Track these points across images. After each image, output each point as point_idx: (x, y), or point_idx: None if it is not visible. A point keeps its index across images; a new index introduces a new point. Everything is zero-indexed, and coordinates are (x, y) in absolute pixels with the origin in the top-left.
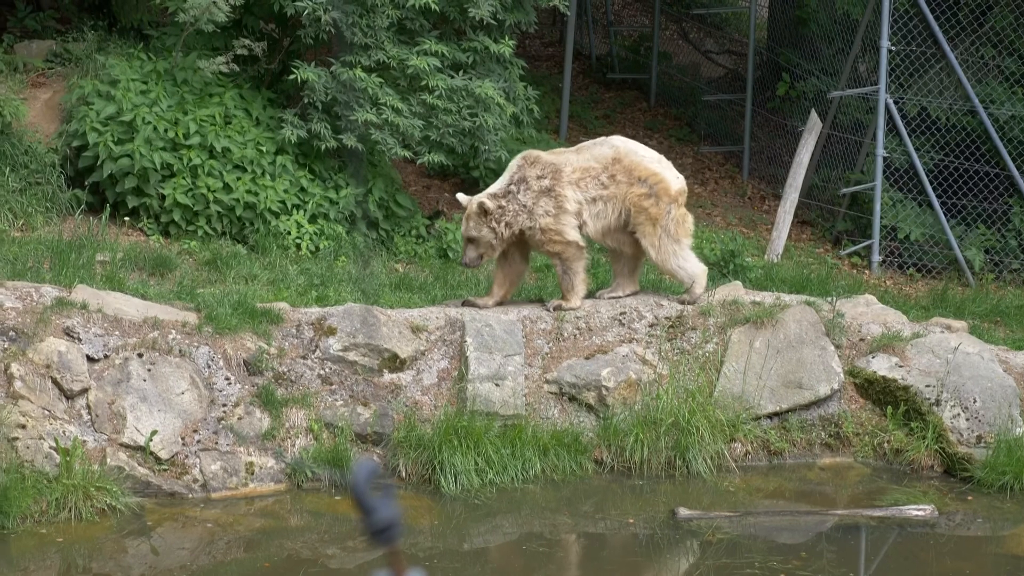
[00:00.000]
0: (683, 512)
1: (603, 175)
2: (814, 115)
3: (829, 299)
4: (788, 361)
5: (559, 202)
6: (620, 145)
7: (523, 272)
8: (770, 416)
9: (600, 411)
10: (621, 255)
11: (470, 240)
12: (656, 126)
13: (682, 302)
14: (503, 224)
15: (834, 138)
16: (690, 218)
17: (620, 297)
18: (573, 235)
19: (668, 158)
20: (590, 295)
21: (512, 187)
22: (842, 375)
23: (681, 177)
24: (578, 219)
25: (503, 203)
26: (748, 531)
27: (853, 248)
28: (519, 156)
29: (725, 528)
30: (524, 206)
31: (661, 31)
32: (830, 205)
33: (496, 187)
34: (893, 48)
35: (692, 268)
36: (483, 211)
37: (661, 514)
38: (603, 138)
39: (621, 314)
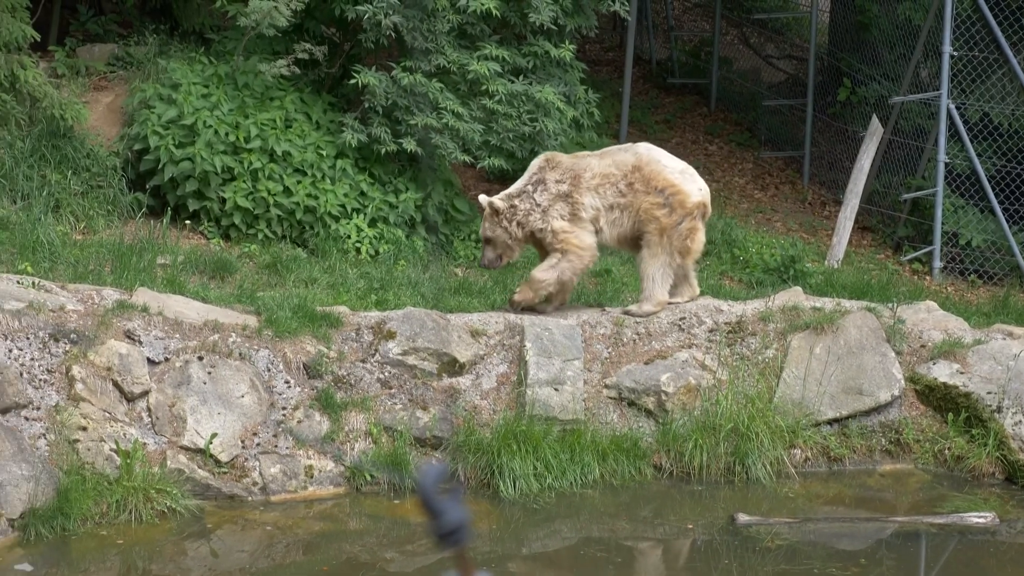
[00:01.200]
0: (742, 518)
1: (621, 183)
2: (875, 120)
3: (890, 305)
4: (848, 367)
5: (575, 209)
6: (643, 153)
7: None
8: (830, 422)
9: (659, 416)
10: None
11: (487, 241)
12: (716, 131)
13: (627, 313)
14: (515, 224)
15: (895, 143)
16: (699, 236)
17: (680, 303)
18: (589, 239)
19: (728, 163)
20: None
21: (529, 187)
22: (903, 381)
23: (705, 189)
24: (595, 225)
25: (515, 203)
26: (807, 537)
27: (914, 254)
28: (541, 157)
29: (784, 534)
30: (538, 205)
31: (722, 36)
32: (891, 211)
33: (513, 187)
34: (955, 53)
35: (657, 291)
36: (495, 211)
37: (720, 520)
38: (629, 144)
39: (681, 319)
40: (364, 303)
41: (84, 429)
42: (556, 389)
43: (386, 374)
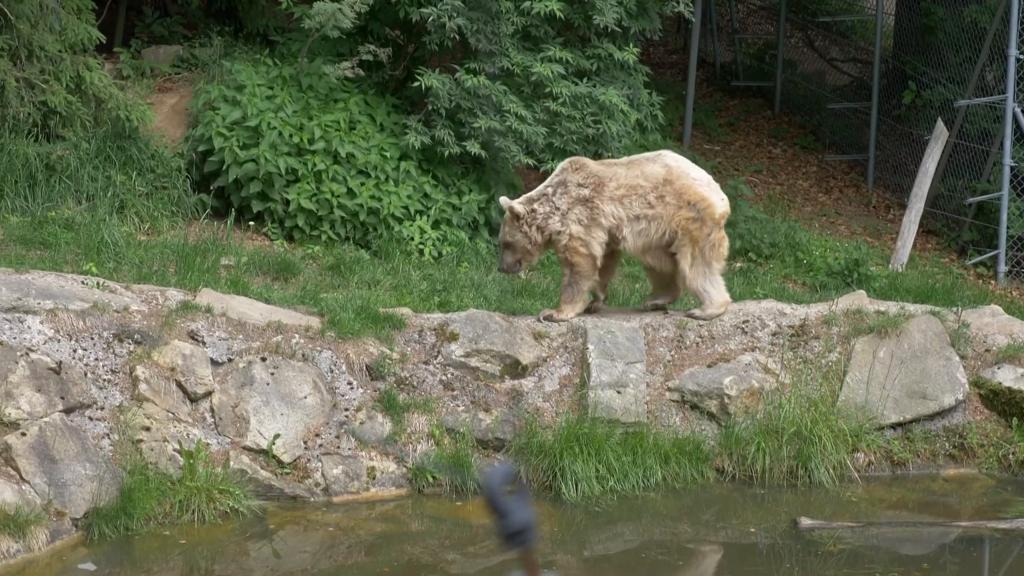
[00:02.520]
0: (805, 522)
1: (651, 195)
2: (940, 124)
3: (954, 309)
4: (912, 371)
5: (594, 215)
6: (673, 165)
7: (613, 271)
8: (893, 426)
9: (722, 419)
10: (659, 271)
11: (506, 245)
12: (780, 134)
13: (691, 316)
14: (534, 228)
15: (960, 147)
16: (726, 242)
17: (661, 304)
18: (597, 251)
19: (792, 166)
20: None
21: (549, 189)
22: (967, 386)
23: (726, 199)
24: (617, 232)
25: (535, 207)
26: (870, 542)
27: (979, 258)
28: (566, 160)
29: (847, 538)
30: (557, 208)
31: (786, 39)
32: (956, 215)
33: (535, 191)
34: (1021, 56)
35: (716, 295)
36: (515, 215)
37: (782, 524)
38: (655, 153)
39: (744, 322)
40: (427, 305)
41: (148, 429)
42: (619, 392)
43: (449, 376)
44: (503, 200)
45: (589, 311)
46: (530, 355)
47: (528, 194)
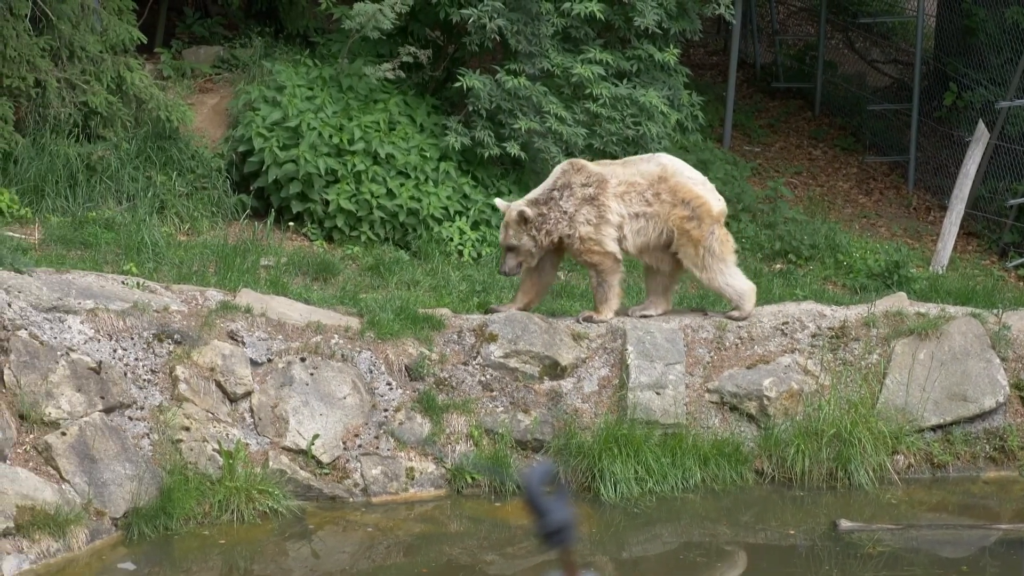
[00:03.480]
0: (844, 524)
1: (648, 192)
2: (981, 125)
3: (995, 311)
4: (952, 373)
5: (601, 212)
6: (667, 164)
7: (552, 282)
8: (933, 428)
9: (761, 421)
10: (657, 273)
11: (509, 248)
12: (821, 135)
13: (730, 318)
14: (543, 232)
15: (1002, 149)
16: (731, 236)
17: (652, 316)
18: (612, 246)
19: (832, 168)
20: (623, 311)
21: (555, 193)
22: (1008, 388)
23: (722, 200)
24: (619, 232)
25: (544, 210)
26: (910, 544)
27: (1020, 260)
28: (564, 162)
29: (887, 541)
30: (565, 212)
31: (827, 40)
32: (997, 216)
33: (536, 193)
34: None
35: (739, 285)
36: (523, 219)
37: (822, 526)
38: (650, 155)
39: (783, 324)
40: (466, 306)
41: (187, 429)
42: (658, 393)
43: (488, 376)
44: (499, 202)
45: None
46: (569, 356)
47: (530, 196)
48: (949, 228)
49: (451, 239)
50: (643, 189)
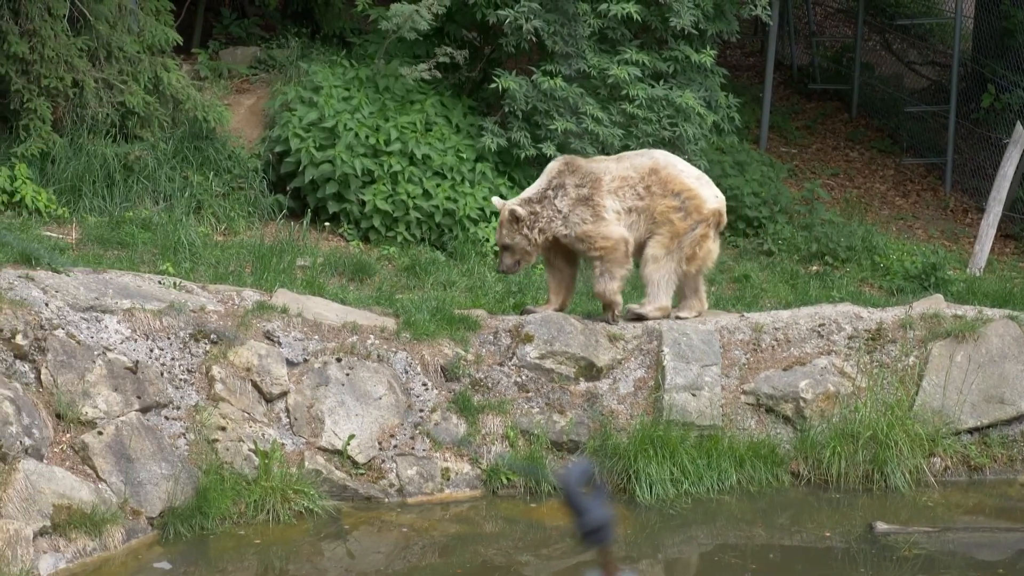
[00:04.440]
0: (880, 526)
1: (639, 186)
2: (1019, 127)
3: None
4: (990, 376)
5: (596, 211)
6: (660, 158)
7: (575, 275)
8: (970, 431)
9: (797, 423)
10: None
11: (504, 247)
12: (857, 137)
13: (629, 309)
14: (536, 231)
15: None
16: (710, 245)
17: (686, 318)
18: (618, 231)
19: (869, 169)
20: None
21: (549, 192)
22: None
23: (721, 197)
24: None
25: (537, 209)
26: (946, 547)
27: None
28: (559, 160)
29: (923, 544)
30: (560, 212)
31: (864, 42)
32: None
33: (531, 191)
34: None
35: (660, 294)
36: (515, 218)
37: (858, 528)
38: (645, 150)
39: (820, 326)
40: (502, 307)
41: (223, 429)
42: (694, 394)
43: (523, 377)
44: (496, 200)
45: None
46: (605, 357)
47: (525, 195)
48: (986, 230)
49: (487, 240)
50: (635, 183)
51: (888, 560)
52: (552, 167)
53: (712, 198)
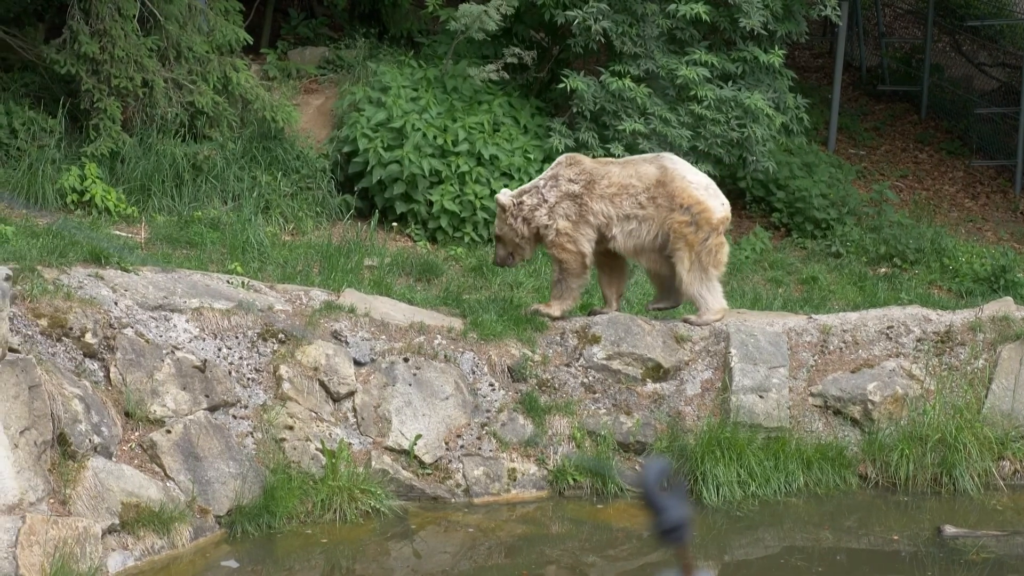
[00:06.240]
0: (949, 530)
1: (642, 195)
2: None
3: None
4: None
5: (582, 211)
6: (668, 166)
7: (625, 273)
8: None
9: (865, 425)
10: (658, 275)
11: (497, 239)
12: (927, 139)
13: (687, 321)
14: (520, 220)
15: None
16: (725, 248)
17: (664, 308)
18: (585, 247)
19: (938, 171)
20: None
21: (540, 182)
22: None
23: (727, 204)
24: (606, 231)
25: (523, 199)
26: (1015, 551)
27: None
28: (563, 156)
29: (991, 547)
30: (545, 201)
31: (933, 43)
32: None
33: (528, 184)
34: None
35: (713, 302)
36: (502, 208)
37: (926, 531)
38: (654, 155)
39: (888, 328)
40: (569, 314)
41: (291, 428)
42: (761, 396)
43: (590, 378)
44: (499, 193)
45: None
46: (672, 358)
47: (521, 187)
48: None
49: None
50: (637, 192)
51: (956, 564)
52: (555, 162)
53: (719, 207)
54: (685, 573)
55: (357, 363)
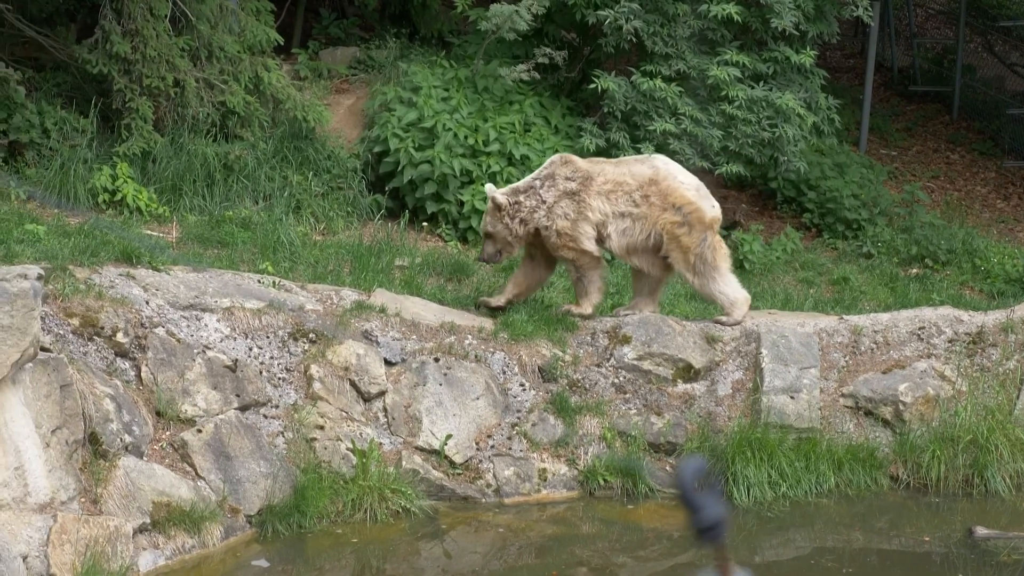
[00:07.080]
0: (980, 531)
1: (636, 193)
2: None
3: None
4: None
5: (581, 208)
6: (661, 167)
7: (544, 279)
8: None
9: (896, 426)
10: (645, 275)
11: (487, 235)
12: (958, 140)
13: (718, 322)
14: (517, 220)
15: None
16: (725, 247)
17: (626, 315)
18: (588, 245)
19: (969, 172)
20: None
21: (536, 182)
22: None
23: (717, 206)
24: (603, 229)
25: (520, 199)
26: None
27: None
28: (556, 155)
29: (1023, 549)
30: (544, 202)
31: (965, 44)
32: None
33: (521, 182)
34: None
35: (732, 293)
36: (497, 207)
37: (957, 533)
38: (647, 155)
39: (920, 328)
40: (599, 307)
41: (321, 428)
42: (792, 397)
43: (621, 379)
44: (488, 187)
45: (487, 306)
46: (703, 359)
47: (514, 185)
48: None
49: None
50: (631, 190)
51: (988, 565)
52: (547, 161)
53: (710, 208)
54: (722, 572)
55: (388, 363)
